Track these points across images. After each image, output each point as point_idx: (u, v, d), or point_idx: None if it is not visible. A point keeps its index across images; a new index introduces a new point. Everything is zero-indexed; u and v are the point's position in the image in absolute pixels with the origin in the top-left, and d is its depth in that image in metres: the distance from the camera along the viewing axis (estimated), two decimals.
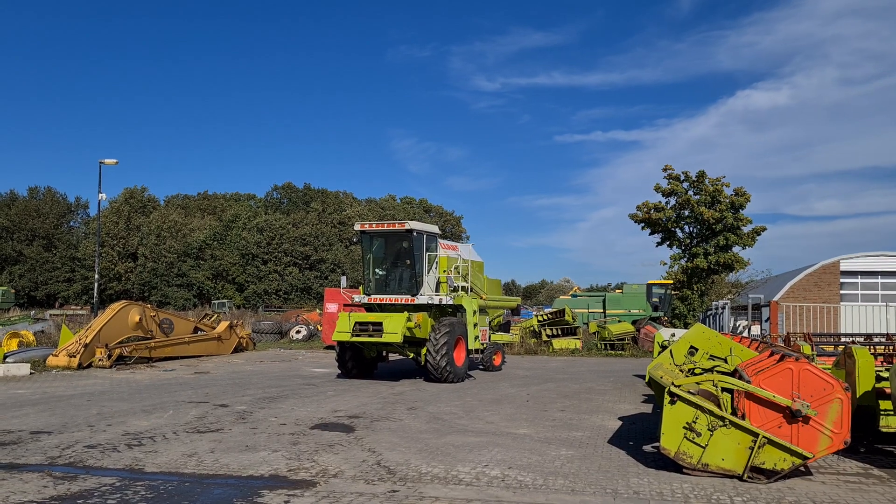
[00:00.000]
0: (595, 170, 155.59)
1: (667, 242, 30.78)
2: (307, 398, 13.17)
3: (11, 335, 21.18)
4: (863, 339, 13.79)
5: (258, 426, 10.16)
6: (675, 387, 7.36)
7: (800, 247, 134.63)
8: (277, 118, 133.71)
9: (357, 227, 16.79)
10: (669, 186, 29.92)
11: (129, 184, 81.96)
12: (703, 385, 7.48)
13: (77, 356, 17.65)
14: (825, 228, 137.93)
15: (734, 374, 7.76)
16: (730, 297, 30.59)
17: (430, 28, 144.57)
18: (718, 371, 8.07)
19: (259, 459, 8.01)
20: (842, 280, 30.73)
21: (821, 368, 7.49)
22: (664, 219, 29.81)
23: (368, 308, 16.83)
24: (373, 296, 16.68)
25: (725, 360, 8.63)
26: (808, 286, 30.56)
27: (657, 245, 31.18)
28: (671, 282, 32.84)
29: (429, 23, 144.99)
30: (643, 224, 30.64)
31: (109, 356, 18.30)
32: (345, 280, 17.92)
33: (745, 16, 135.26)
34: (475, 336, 16.95)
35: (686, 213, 29.57)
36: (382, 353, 17.43)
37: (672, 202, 30.09)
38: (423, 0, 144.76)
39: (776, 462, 7.11)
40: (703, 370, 8.39)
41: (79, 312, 43.39)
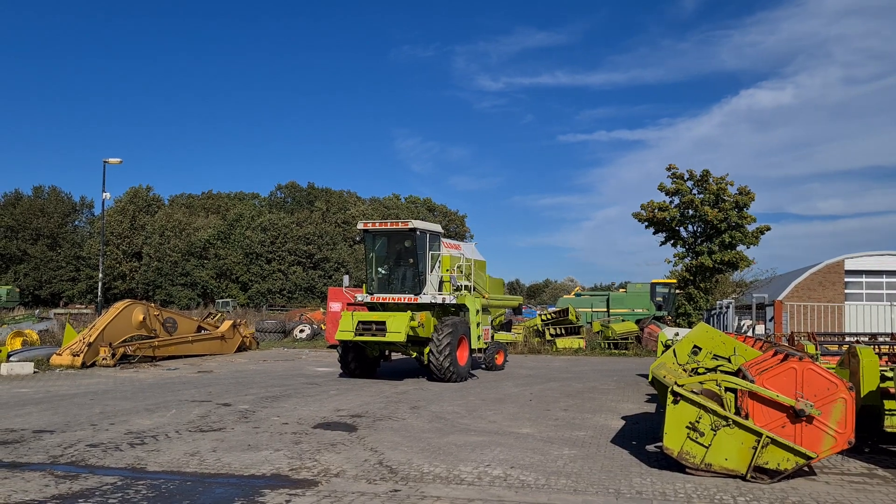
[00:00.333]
0: (599, 169, 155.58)
1: (671, 241, 30.75)
2: (310, 397, 13.17)
3: (15, 334, 21.27)
4: (867, 339, 13.74)
5: (260, 425, 10.15)
6: (679, 386, 7.33)
7: (804, 246, 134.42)
8: (281, 118, 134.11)
9: (360, 226, 16.77)
10: (673, 186, 29.88)
11: (134, 183, 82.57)
12: (707, 384, 7.45)
13: (81, 355, 17.68)
14: (829, 228, 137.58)
15: (738, 374, 7.74)
16: (734, 297, 30.49)
17: (434, 28, 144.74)
18: (722, 370, 8.04)
19: (261, 459, 8.00)
20: (846, 279, 30.64)
21: (825, 368, 7.45)
22: (668, 218, 29.78)
23: (371, 307, 16.81)
24: (376, 295, 16.66)
25: (729, 360, 8.62)
26: (813, 285, 30.47)
27: (661, 244, 31.19)
28: (675, 281, 32.81)
29: (432, 23, 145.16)
30: (647, 223, 30.62)
31: (113, 355, 18.33)
32: (347, 279, 17.87)
33: (749, 15, 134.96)
34: (478, 335, 16.93)
35: (690, 213, 29.54)
36: (385, 353, 17.42)
37: (676, 201, 30.05)
38: (427, 0, 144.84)
39: (780, 462, 7.07)
40: (707, 369, 8.37)
41: (83, 311, 43.54)
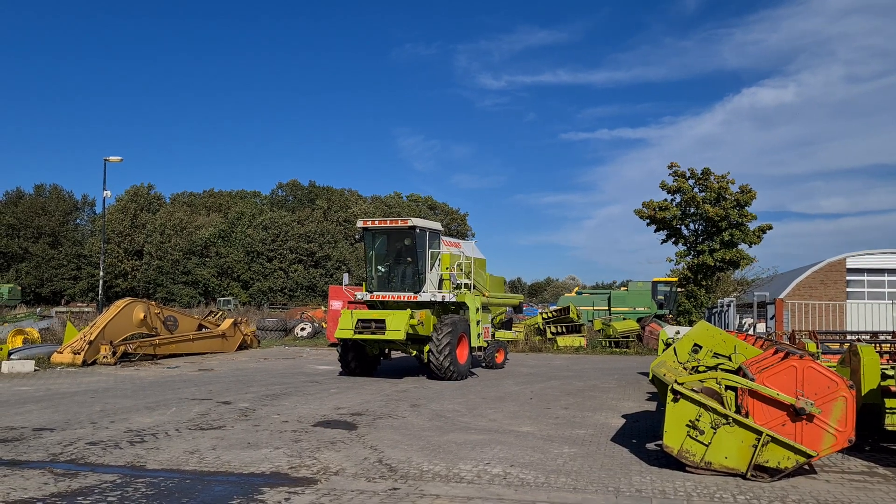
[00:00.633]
0: (601, 167, 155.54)
1: (672, 240, 30.71)
2: (310, 395, 13.16)
3: (16, 332, 21.31)
4: (868, 337, 13.71)
5: (260, 423, 10.15)
6: (679, 384, 7.32)
7: (806, 244, 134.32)
8: (283, 116, 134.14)
9: (360, 224, 16.74)
10: (675, 184, 29.83)
11: (136, 181, 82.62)
12: (707, 383, 7.44)
13: (81, 353, 17.69)
14: (831, 226, 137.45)
15: (738, 372, 7.71)
16: (735, 295, 30.46)
17: (436, 26, 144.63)
18: (722, 369, 8.02)
19: (261, 457, 8.00)
20: (848, 278, 30.57)
21: (825, 366, 7.43)
22: (669, 217, 29.73)
23: (371, 305, 16.80)
24: (375, 293, 16.65)
25: (729, 358, 8.59)
26: (814, 284, 30.41)
27: (662, 242, 31.13)
28: (676, 279, 32.77)
29: (434, 21, 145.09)
30: (648, 221, 30.58)
31: (114, 353, 18.34)
32: (347, 277, 17.85)
33: (752, 13, 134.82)
34: (478, 333, 16.91)
35: (691, 211, 29.49)
36: (385, 351, 17.42)
37: (678, 199, 30.01)
38: None
39: (780, 460, 7.05)
40: (707, 368, 8.34)
41: (85, 309, 43.55)
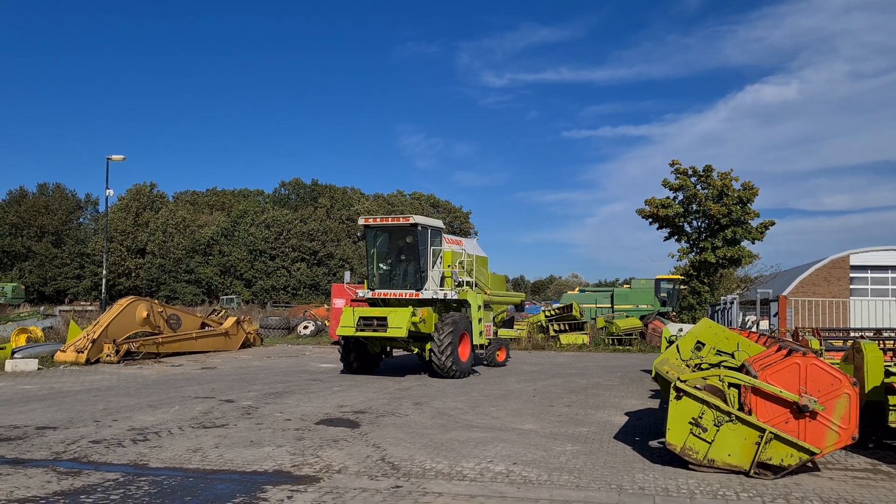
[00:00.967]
0: (603, 165, 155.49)
1: (674, 237, 30.65)
2: (313, 393, 13.17)
3: (20, 331, 21.35)
4: (872, 334, 13.69)
5: (263, 421, 10.16)
6: (681, 382, 7.30)
7: (809, 241, 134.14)
8: (285, 114, 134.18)
9: (361, 222, 16.72)
10: (677, 181, 29.78)
11: (138, 180, 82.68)
12: (710, 380, 7.42)
13: (85, 352, 17.72)
14: (834, 223, 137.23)
15: (741, 370, 7.69)
16: (738, 292, 30.42)
17: (438, 24, 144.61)
18: (725, 366, 8.01)
19: (263, 455, 8.00)
20: (851, 275, 30.52)
21: (828, 363, 7.41)
22: (672, 214, 29.68)
23: (373, 303, 16.80)
24: (377, 290, 16.65)
25: (732, 355, 8.59)
26: (818, 281, 30.37)
27: (664, 240, 31.07)
28: (679, 277, 32.73)
29: (436, 19, 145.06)
30: (651, 219, 30.52)
31: (117, 352, 18.37)
32: (349, 275, 17.88)
33: (754, 10, 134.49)
34: (479, 331, 16.90)
35: (694, 208, 29.44)
36: (386, 349, 17.42)
37: (680, 197, 29.96)
38: None
39: (783, 458, 7.04)
40: (710, 365, 8.34)
41: (88, 308, 43.67)
